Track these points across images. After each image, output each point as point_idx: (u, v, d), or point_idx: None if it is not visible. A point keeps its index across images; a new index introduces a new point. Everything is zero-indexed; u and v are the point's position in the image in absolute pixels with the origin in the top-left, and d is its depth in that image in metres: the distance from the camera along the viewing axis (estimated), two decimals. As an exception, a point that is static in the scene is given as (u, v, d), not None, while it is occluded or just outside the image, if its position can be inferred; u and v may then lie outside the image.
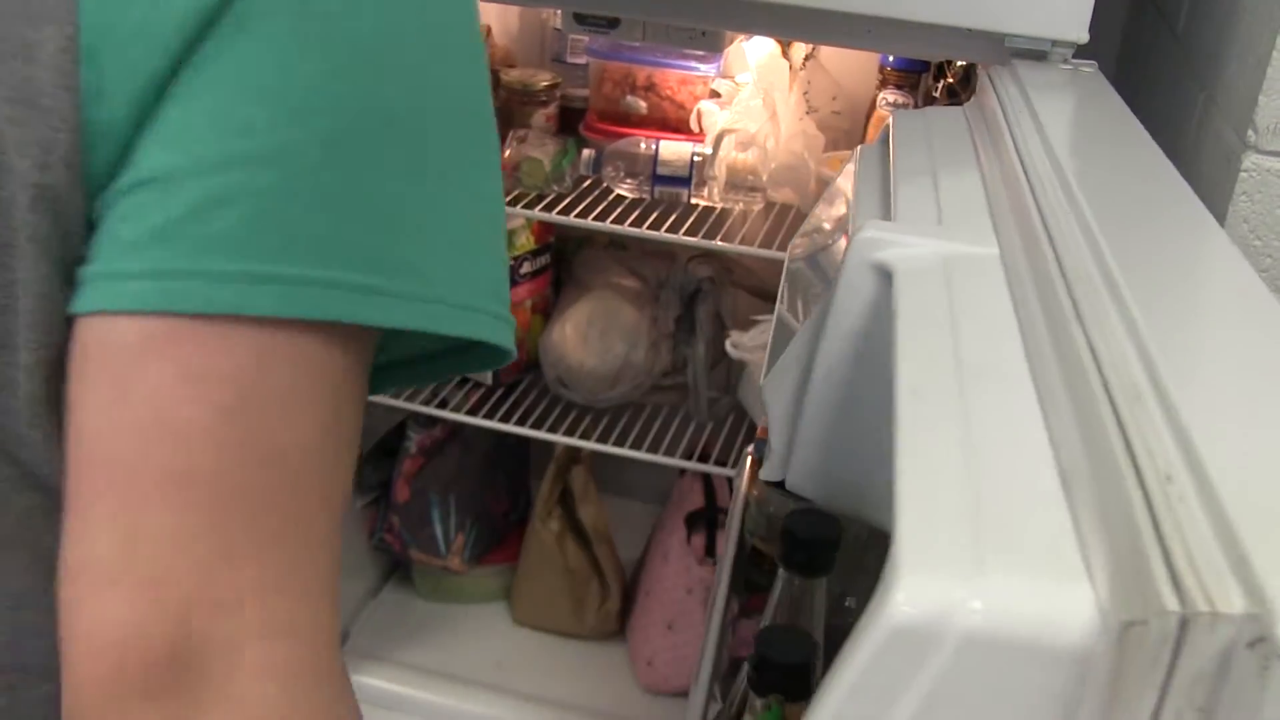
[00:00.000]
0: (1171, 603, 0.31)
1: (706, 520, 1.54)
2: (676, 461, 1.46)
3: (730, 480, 1.57)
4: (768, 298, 1.53)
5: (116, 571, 0.38)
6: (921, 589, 0.33)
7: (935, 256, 0.59)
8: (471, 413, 1.51)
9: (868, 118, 1.45)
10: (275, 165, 0.39)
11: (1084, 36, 0.94)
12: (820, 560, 0.67)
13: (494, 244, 0.46)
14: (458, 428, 1.60)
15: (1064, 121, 0.78)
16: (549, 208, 1.38)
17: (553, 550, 1.61)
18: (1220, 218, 0.88)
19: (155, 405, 0.39)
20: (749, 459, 1.06)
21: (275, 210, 0.39)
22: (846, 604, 0.88)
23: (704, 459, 1.49)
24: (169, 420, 0.39)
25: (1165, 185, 0.69)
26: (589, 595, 1.62)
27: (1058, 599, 0.33)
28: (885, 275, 0.59)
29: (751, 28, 1.22)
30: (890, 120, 0.90)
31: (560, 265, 1.63)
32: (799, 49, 1.46)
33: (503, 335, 0.45)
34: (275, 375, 0.40)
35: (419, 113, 0.42)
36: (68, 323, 0.41)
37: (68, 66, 0.38)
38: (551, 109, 1.51)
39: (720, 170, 1.33)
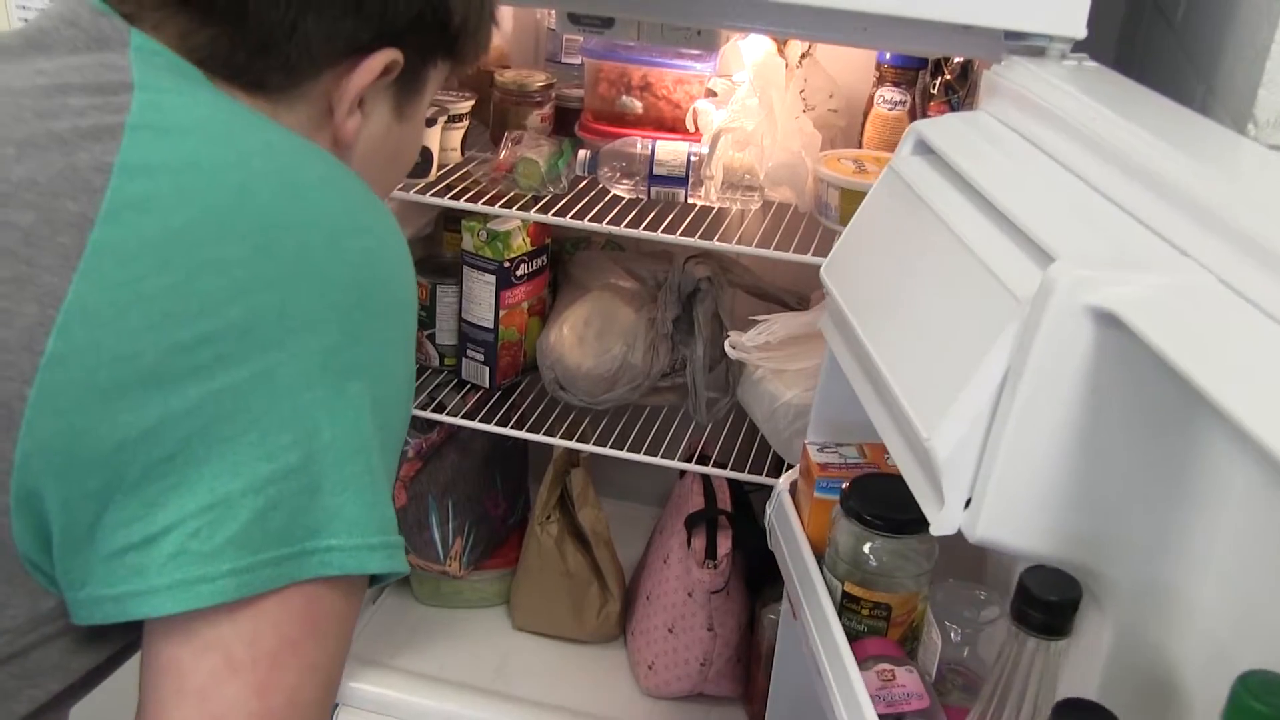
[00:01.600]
0: None
1: (707, 522, 1.53)
2: (676, 463, 1.45)
3: (730, 481, 1.56)
4: (766, 297, 1.53)
5: None
6: None
7: (1159, 291, 0.55)
8: (469, 416, 1.50)
9: (865, 115, 1.45)
10: (250, 501, 0.56)
11: (1083, 32, 0.93)
12: (1060, 621, 0.65)
13: (383, 491, 0.61)
14: (455, 431, 1.60)
15: (1146, 118, 0.74)
16: (545, 209, 1.38)
17: (552, 554, 1.60)
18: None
19: (289, 694, 0.58)
20: (786, 494, 1.02)
21: (250, 526, 0.56)
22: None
23: (703, 460, 1.48)
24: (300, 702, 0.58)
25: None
26: (589, 599, 1.61)
27: None
28: (1104, 319, 0.56)
29: (747, 26, 1.22)
30: (920, 133, 0.88)
31: (557, 267, 1.62)
32: (795, 47, 1.45)
33: (385, 563, 0.60)
34: (321, 624, 0.59)
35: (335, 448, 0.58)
36: None
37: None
38: (547, 110, 1.50)
39: (717, 170, 1.32)
